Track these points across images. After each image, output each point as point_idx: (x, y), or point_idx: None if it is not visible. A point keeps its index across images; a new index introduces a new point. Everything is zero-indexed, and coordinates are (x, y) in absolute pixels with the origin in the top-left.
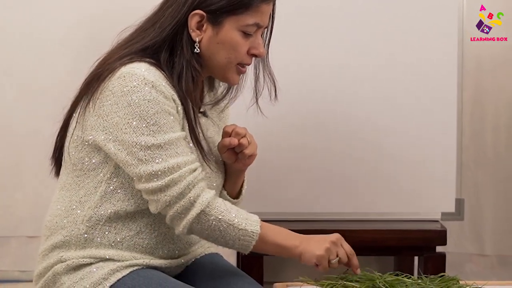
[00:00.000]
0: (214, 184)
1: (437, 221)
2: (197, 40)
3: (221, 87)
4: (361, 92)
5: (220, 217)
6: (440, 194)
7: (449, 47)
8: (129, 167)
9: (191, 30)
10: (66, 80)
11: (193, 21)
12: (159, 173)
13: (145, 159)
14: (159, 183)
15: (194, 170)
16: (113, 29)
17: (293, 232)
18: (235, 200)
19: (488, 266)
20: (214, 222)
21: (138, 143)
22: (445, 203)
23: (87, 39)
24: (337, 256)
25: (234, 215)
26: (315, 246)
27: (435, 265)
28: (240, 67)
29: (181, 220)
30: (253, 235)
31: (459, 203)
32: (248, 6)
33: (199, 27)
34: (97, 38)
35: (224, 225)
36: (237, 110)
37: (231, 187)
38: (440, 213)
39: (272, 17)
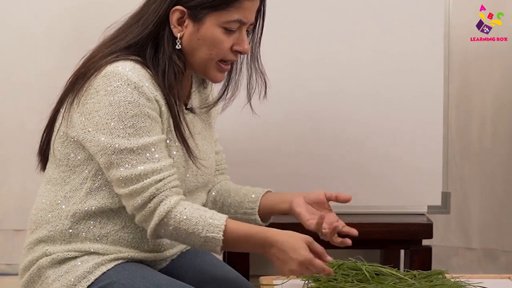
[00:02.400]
0: (201, 181)
1: (423, 214)
2: (178, 36)
3: (212, 85)
4: (347, 87)
5: (178, 226)
6: (426, 188)
7: (435, 41)
8: (103, 168)
9: (172, 26)
10: (51, 73)
11: (174, 17)
12: (126, 180)
13: (116, 163)
14: (125, 190)
15: (160, 181)
16: (98, 21)
17: (260, 234)
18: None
19: (475, 259)
20: (175, 231)
21: (112, 145)
22: (431, 196)
23: (72, 32)
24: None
25: (195, 222)
26: (282, 263)
27: (421, 258)
28: (222, 64)
29: (147, 227)
30: (216, 241)
31: (445, 196)
32: (229, 3)
33: (180, 23)
34: (82, 30)
35: (184, 233)
36: (229, 108)
37: (267, 215)
38: (426, 206)
39: (262, 14)
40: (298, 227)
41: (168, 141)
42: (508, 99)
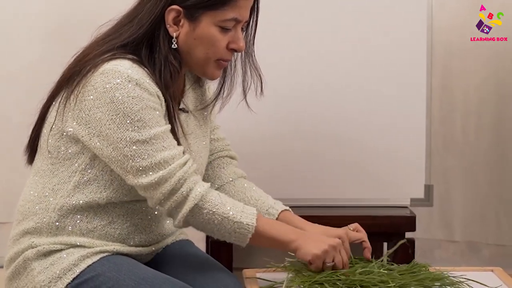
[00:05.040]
0: None
1: (406, 207)
2: (174, 35)
3: (207, 83)
4: (329, 80)
5: (214, 210)
6: (409, 180)
7: (418, 33)
8: (115, 163)
9: (168, 26)
10: (35, 66)
11: (169, 17)
12: (147, 169)
13: (131, 155)
14: (149, 179)
15: (184, 164)
16: (82, 16)
17: (291, 227)
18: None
19: (457, 252)
20: (208, 216)
21: (123, 139)
22: (414, 189)
23: (56, 25)
24: (332, 261)
25: (229, 207)
26: (314, 244)
27: (404, 251)
28: (221, 61)
29: (177, 214)
30: (249, 228)
31: (428, 189)
32: (225, 1)
33: (176, 22)
34: (66, 24)
35: (219, 218)
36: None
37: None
38: (409, 199)
39: (256, 11)
40: None
41: None
42: (491, 90)
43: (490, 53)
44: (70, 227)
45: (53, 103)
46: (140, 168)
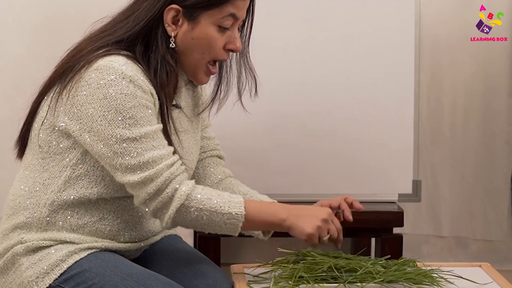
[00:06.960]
0: None
1: (394, 202)
2: (172, 35)
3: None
4: (317, 73)
5: (201, 207)
6: (397, 176)
7: (406, 27)
8: (105, 159)
9: (166, 25)
10: (22, 60)
11: (168, 16)
12: (135, 167)
13: (120, 152)
14: (136, 178)
15: (172, 165)
16: (72, 9)
17: (280, 205)
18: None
19: (445, 247)
20: (196, 213)
21: (113, 135)
22: (402, 184)
23: (44, 19)
24: (328, 233)
25: (216, 201)
26: (306, 222)
27: (392, 246)
28: (211, 67)
29: (163, 215)
30: (238, 217)
31: (416, 184)
32: (223, 1)
33: (175, 22)
34: (54, 18)
35: (207, 213)
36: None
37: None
38: (397, 194)
39: (252, 12)
40: None
41: None
42: (478, 86)
43: (478, 48)
44: (60, 223)
45: (45, 97)
46: (129, 166)
